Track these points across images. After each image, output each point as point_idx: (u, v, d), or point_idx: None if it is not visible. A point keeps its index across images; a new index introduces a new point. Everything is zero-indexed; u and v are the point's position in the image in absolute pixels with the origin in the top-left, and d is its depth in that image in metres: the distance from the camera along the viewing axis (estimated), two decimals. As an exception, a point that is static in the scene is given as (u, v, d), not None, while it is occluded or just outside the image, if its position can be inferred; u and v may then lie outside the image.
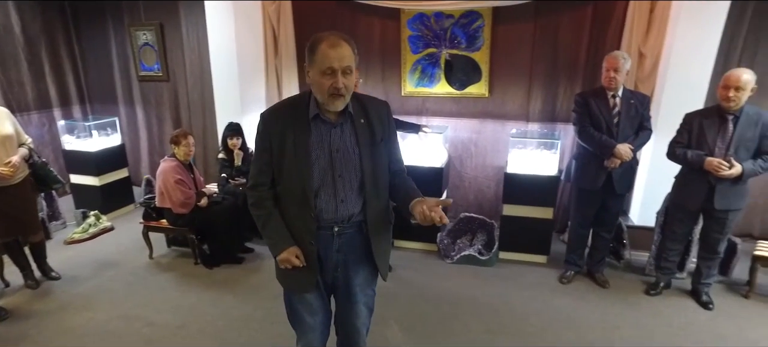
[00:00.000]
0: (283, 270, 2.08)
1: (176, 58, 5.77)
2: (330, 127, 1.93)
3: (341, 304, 2.26)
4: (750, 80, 3.12)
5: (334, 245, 2.06)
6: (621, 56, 3.48)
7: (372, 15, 5.06)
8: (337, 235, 2.04)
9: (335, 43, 1.79)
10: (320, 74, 1.80)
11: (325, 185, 1.95)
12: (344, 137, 1.95)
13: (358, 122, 1.96)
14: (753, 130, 3.21)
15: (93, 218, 4.93)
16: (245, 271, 4.16)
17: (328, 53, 1.77)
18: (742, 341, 3.17)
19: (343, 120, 1.94)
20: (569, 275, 3.96)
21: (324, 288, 2.19)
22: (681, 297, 3.71)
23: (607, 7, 4.48)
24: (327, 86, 1.80)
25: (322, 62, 1.78)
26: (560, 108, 4.85)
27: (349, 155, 1.95)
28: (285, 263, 2.01)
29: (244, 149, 4.71)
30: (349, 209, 2.00)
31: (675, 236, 3.65)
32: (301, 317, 2.22)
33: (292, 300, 2.22)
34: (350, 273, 2.16)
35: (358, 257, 2.15)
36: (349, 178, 1.97)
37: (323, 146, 1.92)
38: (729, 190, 3.29)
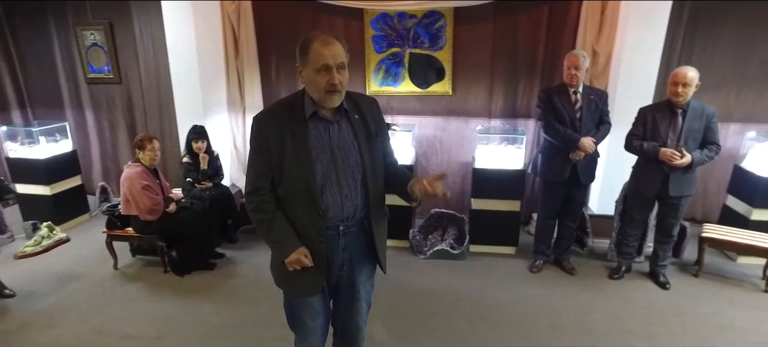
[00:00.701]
0: (286, 274, 2.06)
1: (129, 59, 5.53)
2: (328, 124, 1.95)
3: (343, 303, 2.28)
4: (695, 77, 3.40)
5: (340, 244, 2.09)
6: (581, 55, 3.68)
7: (335, 15, 5.06)
8: (342, 234, 2.07)
9: (328, 42, 1.83)
10: (315, 72, 1.82)
11: (329, 183, 1.96)
12: (343, 134, 1.98)
13: (354, 118, 2.00)
14: (699, 122, 3.49)
15: (45, 230, 4.65)
16: (219, 277, 4.07)
17: (322, 51, 1.81)
18: (698, 316, 3.46)
19: (339, 117, 1.97)
20: (538, 264, 4.16)
21: (326, 289, 2.20)
22: (641, 279, 3.99)
23: (562, 8, 4.71)
24: (323, 83, 1.82)
25: (317, 60, 1.81)
26: (521, 104, 5.06)
27: (349, 150, 1.98)
28: (295, 264, 1.99)
29: (210, 152, 4.60)
30: (353, 205, 2.02)
31: (634, 223, 3.91)
32: (302, 321, 2.22)
33: (295, 303, 2.22)
34: (355, 271, 2.20)
35: (362, 254, 2.19)
36: (352, 174, 1.99)
37: (324, 144, 1.94)
38: (681, 178, 3.57)
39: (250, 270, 4.17)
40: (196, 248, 4.10)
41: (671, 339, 3.19)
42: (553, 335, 3.26)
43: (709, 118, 3.50)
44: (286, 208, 2.01)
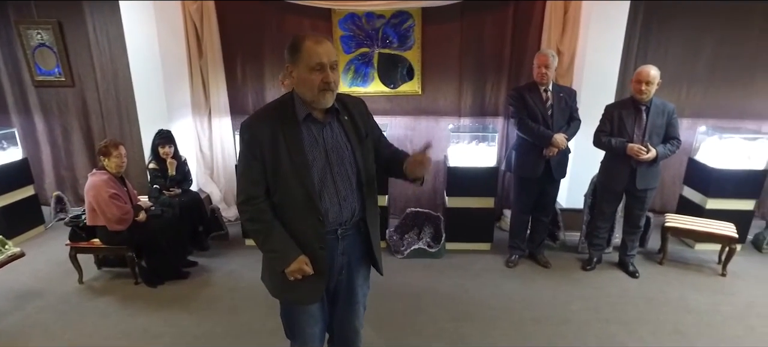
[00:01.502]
0: (283, 284, 2.01)
1: (82, 60, 5.24)
2: (321, 126, 1.92)
3: (342, 307, 2.25)
4: (656, 75, 3.59)
5: (338, 249, 2.06)
6: (550, 54, 3.80)
7: (301, 15, 4.99)
8: (341, 237, 2.04)
9: (320, 40, 1.82)
10: (308, 71, 1.80)
11: (327, 186, 1.93)
12: (336, 135, 1.96)
13: (344, 120, 1.98)
14: (661, 118, 3.69)
15: (-4, 245, 4.34)
16: (194, 286, 3.93)
17: (316, 49, 1.79)
18: (666, 302, 3.66)
19: (330, 119, 1.95)
20: (514, 259, 4.27)
21: (325, 294, 2.17)
22: (612, 269, 4.17)
23: (527, 8, 4.85)
24: (317, 82, 1.80)
25: (310, 59, 1.79)
26: (489, 103, 5.17)
27: (343, 152, 1.96)
28: (297, 273, 1.95)
29: (177, 157, 4.44)
30: (351, 208, 2.00)
31: (604, 216, 4.08)
32: (301, 329, 2.18)
33: (294, 312, 2.17)
34: (353, 274, 2.18)
35: (359, 257, 2.18)
36: (347, 176, 1.97)
37: (318, 146, 1.91)
38: (647, 171, 3.76)
39: (226, 278, 4.05)
40: (168, 257, 3.94)
41: (646, 325, 3.36)
42: (536, 327, 3.36)
43: (670, 114, 3.71)
44: (282, 215, 1.96)
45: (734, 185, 4.32)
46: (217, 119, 5.13)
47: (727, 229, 4.05)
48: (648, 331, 3.30)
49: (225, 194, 5.32)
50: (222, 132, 5.19)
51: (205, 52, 5.00)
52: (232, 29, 5.06)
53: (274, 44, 5.08)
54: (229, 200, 5.33)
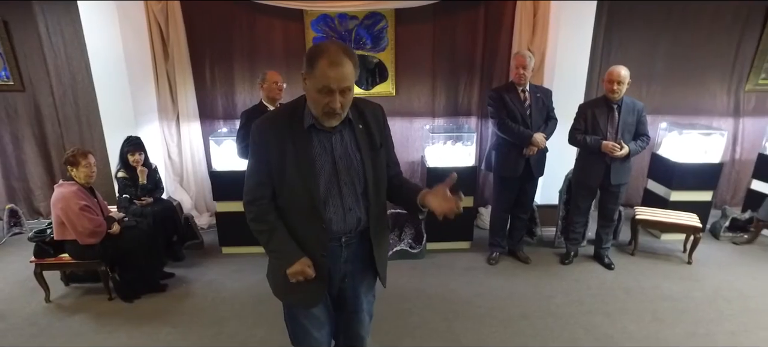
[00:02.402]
0: (287, 285, 1.97)
1: (34, 63, 4.89)
2: (330, 134, 1.88)
3: (346, 315, 2.23)
4: (627, 75, 3.76)
5: (341, 257, 2.03)
6: (528, 55, 3.89)
7: (273, 16, 4.88)
8: (344, 246, 2.01)
9: (336, 62, 1.69)
10: (316, 91, 1.73)
11: (332, 194, 1.90)
12: (345, 144, 1.91)
13: (357, 128, 1.93)
14: (632, 116, 3.87)
15: (-54, 265, 4.01)
16: (173, 298, 3.77)
17: (328, 73, 1.68)
18: (642, 291, 3.84)
19: (342, 127, 1.90)
20: (495, 256, 4.35)
21: (329, 300, 2.14)
22: (588, 262, 4.33)
23: (498, 9, 4.95)
24: (322, 104, 1.75)
25: (320, 80, 1.70)
26: (462, 103, 5.25)
27: (352, 161, 1.92)
28: (298, 276, 1.89)
29: (148, 164, 4.24)
30: (356, 218, 1.97)
31: (580, 211, 4.23)
32: (307, 332, 2.13)
33: (298, 316, 2.12)
34: (356, 282, 2.16)
35: (363, 266, 2.14)
36: (354, 185, 1.93)
37: (326, 154, 1.87)
38: (620, 167, 3.93)
39: (207, 288, 3.91)
40: (144, 269, 3.76)
41: (627, 314, 3.51)
42: (525, 322, 3.44)
43: (639, 112, 3.89)
44: (286, 220, 1.93)
45: (694, 177, 4.59)
46: (186, 124, 4.94)
47: (691, 219, 4.29)
48: (629, 320, 3.45)
49: (196, 201, 5.14)
50: (191, 137, 5.00)
51: (171, 54, 4.80)
52: (199, 30, 4.89)
53: (245, 46, 4.95)
54: (200, 207, 5.15)
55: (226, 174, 4.32)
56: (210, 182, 5.09)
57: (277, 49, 4.99)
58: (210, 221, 5.07)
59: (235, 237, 4.43)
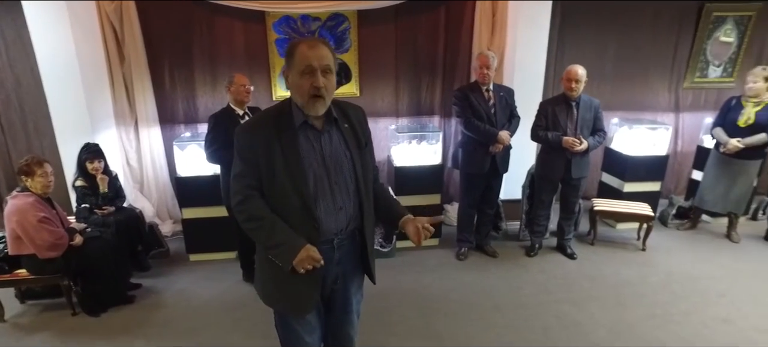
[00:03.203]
0: (279, 292, 1.99)
1: (-31, 67, 4.58)
2: (318, 134, 1.90)
3: (337, 316, 2.24)
4: (584, 74, 3.96)
5: (334, 258, 2.04)
6: (491, 55, 4.02)
7: (233, 17, 4.80)
8: (337, 247, 2.02)
9: (314, 45, 1.79)
10: (299, 75, 1.77)
11: (323, 194, 1.91)
12: (334, 143, 1.93)
13: (344, 127, 1.96)
14: (589, 113, 4.08)
15: None
16: (143, 310, 3.64)
17: (307, 53, 1.76)
18: (604, 279, 4.07)
19: (329, 126, 1.93)
20: (464, 251, 4.47)
21: (320, 303, 2.14)
22: (552, 253, 4.53)
23: (458, 9, 5.07)
24: (307, 87, 1.77)
25: (301, 62, 1.76)
26: (425, 102, 5.35)
27: (341, 160, 1.94)
28: (306, 263, 1.84)
29: (108, 172, 4.07)
30: (347, 217, 1.98)
31: (543, 204, 4.41)
32: (300, 338, 2.12)
33: (290, 322, 2.10)
34: (347, 283, 2.18)
35: (353, 266, 2.17)
36: (345, 184, 1.95)
37: (315, 153, 1.88)
38: (580, 162, 4.13)
39: (178, 297, 3.81)
40: (110, 281, 3.61)
41: (593, 301, 3.70)
42: (498, 314, 3.56)
43: (596, 109, 4.11)
44: None
45: (644, 169, 4.89)
46: (145, 129, 4.77)
47: (644, 209, 4.58)
48: (595, 306, 3.64)
49: (158, 209, 4.96)
50: (151, 143, 4.83)
51: (127, 56, 4.62)
52: (156, 32, 4.73)
53: (205, 48, 4.83)
54: (163, 215, 4.98)
55: (192, 180, 4.21)
56: (172, 189, 5.00)
57: (238, 51, 4.91)
58: (174, 229, 4.92)
59: (203, 244, 4.33)
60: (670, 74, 5.74)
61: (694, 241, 4.82)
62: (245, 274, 4.00)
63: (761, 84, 4.30)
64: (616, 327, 3.38)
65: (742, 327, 3.39)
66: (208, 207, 4.19)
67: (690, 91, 5.85)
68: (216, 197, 3.94)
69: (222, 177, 3.72)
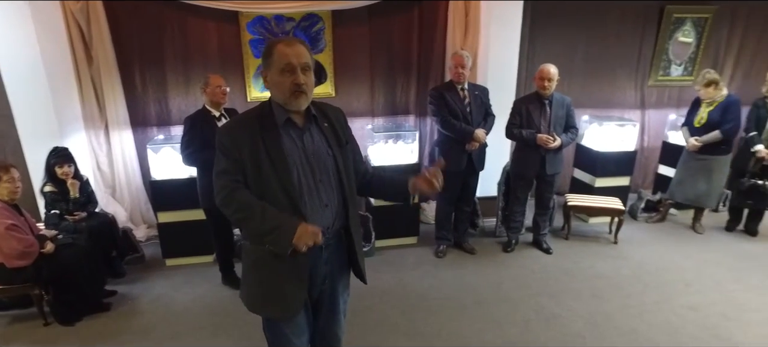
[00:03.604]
0: (263, 297, 1.99)
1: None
2: (300, 132, 1.92)
3: (324, 316, 2.24)
4: (556, 73, 4.06)
5: (322, 257, 2.05)
6: (465, 55, 4.08)
7: (206, 17, 4.73)
8: (324, 246, 2.02)
9: (291, 43, 1.83)
10: (279, 73, 1.80)
11: (309, 191, 1.91)
12: (316, 142, 1.95)
13: (323, 126, 1.98)
14: (562, 110, 4.19)
15: None
16: (120, 317, 3.54)
17: (286, 51, 1.80)
18: (580, 272, 4.18)
19: (309, 124, 1.95)
20: (443, 249, 4.51)
21: (308, 303, 2.13)
22: (528, 248, 4.62)
23: (431, 9, 5.12)
24: (287, 84, 1.80)
25: (280, 60, 1.79)
26: (400, 102, 5.38)
27: (324, 157, 1.95)
28: (308, 239, 1.77)
29: (78, 177, 3.96)
30: (332, 214, 1.99)
31: (518, 200, 4.50)
32: (289, 341, 2.11)
33: (279, 326, 2.09)
34: (335, 283, 2.19)
35: (341, 265, 2.18)
36: (329, 182, 1.96)
37: (298, 151, 1.90)
38: (554, 158, 4.24)
39: (156, 303, 3.72)
40: (85, 289, 3.50)
41: (569, 294, 3.80)
42: (480, 309, 3.61)
43: (568, 106, 4.22)
44: None
45: (614, 165, 5.05)
46: (117, 132, 4.64)
47: (615, 203, 4.72)
48: (572, 298, 3.74)
49: (131, 213, 4.84)
50: (123, 147, 4.71)
51: (96, 58, 4.50)
52: (125, 32, 4.62)
53: (177, 49, 4.74)
54: (136, 219, 4.86)
55: (167, 183, 4.13)
56: (145, 193, 4.89)
57: (211, 52, 4.84)
58: (148, 234, 4.80)
59: (180, 248, 4.25)
60: (636, 73, 5.94)
61: (663, 233, 5.01)
62: (224, 277, 3.94)
63: (705, 90, 4.56)
64: (593, 318, 3.48)
65: (708, 313, 3.55)
66: (184, 211, 4.11)
67: (654, 89, 6.06)
68: (192, 200, 3.86)
69: (199, 179, 3.66)
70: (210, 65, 4.79)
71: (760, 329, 3.37)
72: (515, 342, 3.23)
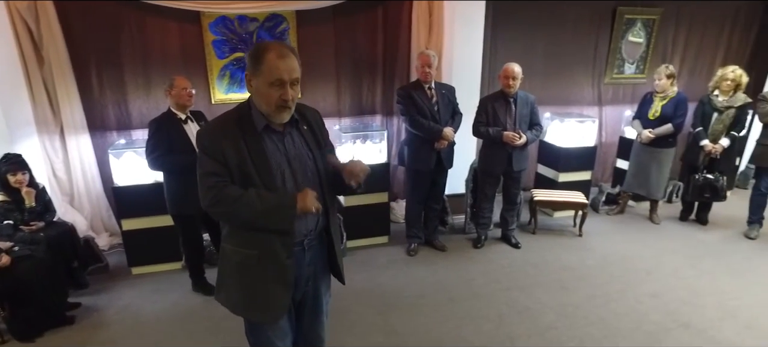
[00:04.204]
0: (247, 300, 1.96)
1: None
2: (281, 135, 1.91)
3: (308, 318, 2.24)
4: (520, 71, 4.17)
5: (305, 260, 2.05)
6: (432, 54, 4.13)
7: (166, 17, 4.58)
8: (307, 248, 2.03)
9: (283, 54, 1.77)
10: (268, 86, 1.77)
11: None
12: (297, 144, 1.94)
13: (303, 129, 1.98)
14: (526, 108, 4.30)
15: None
16: (86, 330, 3.38)
17: (278, 64, 1.75)
18: (547, 265, 4.31)
19: (290, 127, 1.94)
20: (414, 247, 4.54)
21: (292, 307, 2.12)
22: (497, 244, 4.72)
23: (395, 9, 5.14)
24: (275, 98, 1.78)
25: (271, 73, 1.75)
26: (366, 102, 5.39)
27: (305, 161, 1.95)
28: (311, 207, 1.82)
29: (34, 184, 3.76)
30: (315, 217, 1.99)
31: (487, 197, 4.58)
32: (272, 344, 2.10)
33: (262, 329, 2.08)
34: (318, 284, 2.19)
35: (323, 266, 2.19)
36: (310, 185, 1.95)
37: (280, 155, 1.89)
38: (520, 155, 4.34)
39: (124, 314, 3.58)
40: (46, 302, 3.33)
41: (539, 287, 3.91)
42: (454, 305, 3.66)
43: (532, 104, 4.34)
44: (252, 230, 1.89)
45: (576, 160, 5.23)
46: (73, 136, 4.44)
47: (579, 197, 4.89)
48: (542, 291, 3.84)
49: (92, 221, 4.64)
50: (81, 152, 4.50)
51: (47, 59, 4.27)
52: (79, 32, 4.40)
53: (136, 49, 4.57)
54: (97, 227, 4.66)
55: (131, 189, 3.98)
56: (106, 199, 4.71)
57: (173, 53, 4.69)
58: (111, 242, 4.62)
59: (146, 255, 4.11)
60: (592, 71, 6.16)
61: (623, 224, 5.23)
62: (195, 283, 3.84)
63: (665, 81, 4.77)
64: (562, 309, 3.60)
65: (668, 300, 3.73)
66: (149, 217, 3.98)
67: (610, 86, 6.29)
68: (158, 206, 3.76)
69: (166, 184, 3.55)
70: (172, 67, 4.65)
71: (714, 312, 3.58)
72: (491, 336, 3.29)
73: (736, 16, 6.51)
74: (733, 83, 4.68)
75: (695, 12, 6.25)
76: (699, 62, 6.57)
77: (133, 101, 4.68)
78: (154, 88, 4.67)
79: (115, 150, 4.09)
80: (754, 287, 3.93)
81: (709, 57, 6.60)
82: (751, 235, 4.87)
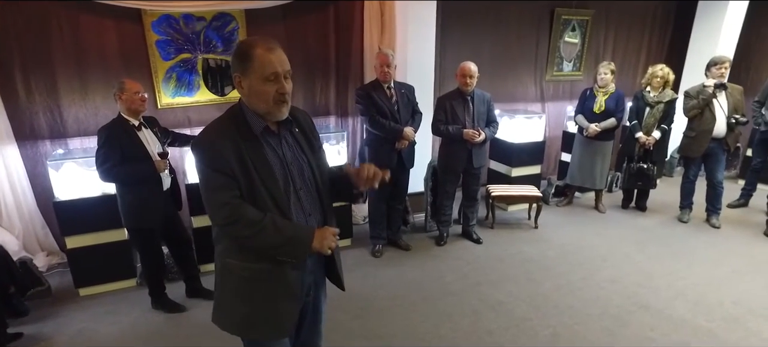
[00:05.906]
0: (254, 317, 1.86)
1: None
2: (278, 139, 1.82)
3: (307, 328, 2.16)
4: (476, 70, 4.26)
5: (308, 267, 1.96)
6: (390, 54, 4.11)
7: (103, 15, 4.20)
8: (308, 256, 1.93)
9: (272, 47, 1.71)
10: (262, 81, 1.69)
11: (294, 201, 1.83)
12: (292, 148, 1.87)
13: (295, 132, 1.90)
14: (483, 106, 4.39)
15: None
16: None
17: (269, 58, 1.68)
18: (510, 257, 4.42)
19: (284, 131, 1.85)
20: (379, 248, 4.50)
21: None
22: (459, 240, 4.77)
23: (347, 10, 5.06)
24: (272, 93, 1.70)
25: (264, 68, 1.68)
26: (320, 103, 5.26)
27: (301, 165, 1.88)
28: (326, 249, 1.80)
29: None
30: (315, 222, 1.92)
31: (447, 194, 4.62)
32: None
33: (263, 346, 1.97)
34: (318, 292, 2.13)
35: (321, 274, 2.13)
36: (308, 189, 1.90)
37: (278, 160, 1.80)
38: (480, 152, 4.42)
39: (76, 341, 3.24)
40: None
41: (507, 280, 3.99)
42: (427, 305, 3.65)
43: (488, 102, 4.43)
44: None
45: (527, 155, 5.40)
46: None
47: (533, 191, 5.05)
48: (510, 284, 3.93)
49: (25, 241, 4.17)
50: (6, 164, 4.02)
51: (-36, 62, 3.82)
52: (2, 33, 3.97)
53: (69, 50, 4.15)
54: (32, 248, 4.20)
55: (75, 203, 3.60)
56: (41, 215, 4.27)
57: (111, 54, 4.32)
58: (49, 262, 4.18)
59: (95, 275, 3.75)
60: (534, 69, 6.41)
61: (573, 215, 5.47)
62: (155, 301, 3.55)
63: (609, 76, 5.06)
64: (533, 300, 3.69)
65: (625, 284, 3.94)
66: (97, 233, 3.64)
67: (551, 83, 6.58)
68: (107, 220, 3.47)
69: (120, 196, 3.26)
70: (112, 69, 4.29)
71: (666, 292, 3.82)
72: (469, 332, 3.32)
73: (654, 17, 7.04)
74: (662, 80, 5.02)
75: (622, 14, 6.68)
76: (626, 61, 7.05)
77: (67, 106, 4.26)
78: (91, 92, 4.29)
79: (53, 161, 3.69)
80: (695, 266, 4.24)
81: (635, 56, 7.11)
82: (684, 219, 5.26)
